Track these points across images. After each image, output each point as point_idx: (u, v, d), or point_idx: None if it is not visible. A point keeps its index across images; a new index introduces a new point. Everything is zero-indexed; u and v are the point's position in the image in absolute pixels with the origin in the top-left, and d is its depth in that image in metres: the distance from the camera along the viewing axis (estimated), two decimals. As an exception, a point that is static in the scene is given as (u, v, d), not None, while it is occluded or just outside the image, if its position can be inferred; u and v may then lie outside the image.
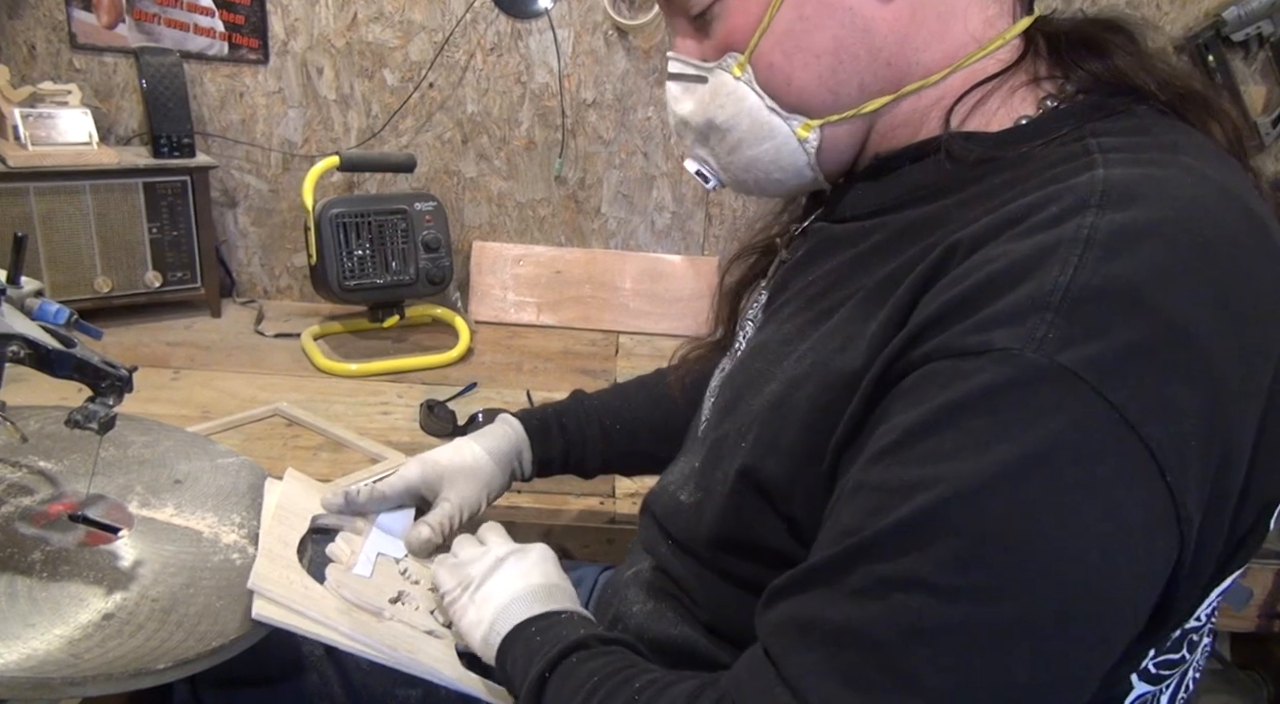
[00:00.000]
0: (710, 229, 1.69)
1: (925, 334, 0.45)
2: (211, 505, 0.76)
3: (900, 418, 0.44)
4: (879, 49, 0.55)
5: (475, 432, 0.87)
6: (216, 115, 1.57)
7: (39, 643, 0.56)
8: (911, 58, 0.55)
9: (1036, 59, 0.56)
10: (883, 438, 0.45)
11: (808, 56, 0.56)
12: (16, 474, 0.74)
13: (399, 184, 1.62)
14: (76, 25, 1.48)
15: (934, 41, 0.55)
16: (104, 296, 1.41)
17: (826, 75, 0.56)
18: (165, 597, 0.64)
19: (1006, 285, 0.42)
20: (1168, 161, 0.46)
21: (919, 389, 0.44)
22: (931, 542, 0.40)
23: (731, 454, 0.58)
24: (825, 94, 0.56)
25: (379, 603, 0.69)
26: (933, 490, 0.41)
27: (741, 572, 0.59)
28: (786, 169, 0.60)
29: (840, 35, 0.54)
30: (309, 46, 1.54)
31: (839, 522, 0.46)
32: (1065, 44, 0.56)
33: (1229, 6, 1.49)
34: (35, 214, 1.33)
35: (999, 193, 0.49)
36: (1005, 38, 0.56)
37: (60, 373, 0.66)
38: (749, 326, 0.69)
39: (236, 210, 1.63)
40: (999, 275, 0.43)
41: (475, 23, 1.53)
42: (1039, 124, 0.53)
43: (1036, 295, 0.41)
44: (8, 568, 0.63)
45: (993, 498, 0.40)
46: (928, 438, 0.42)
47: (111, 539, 0.69)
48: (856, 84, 0.56)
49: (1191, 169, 0.46)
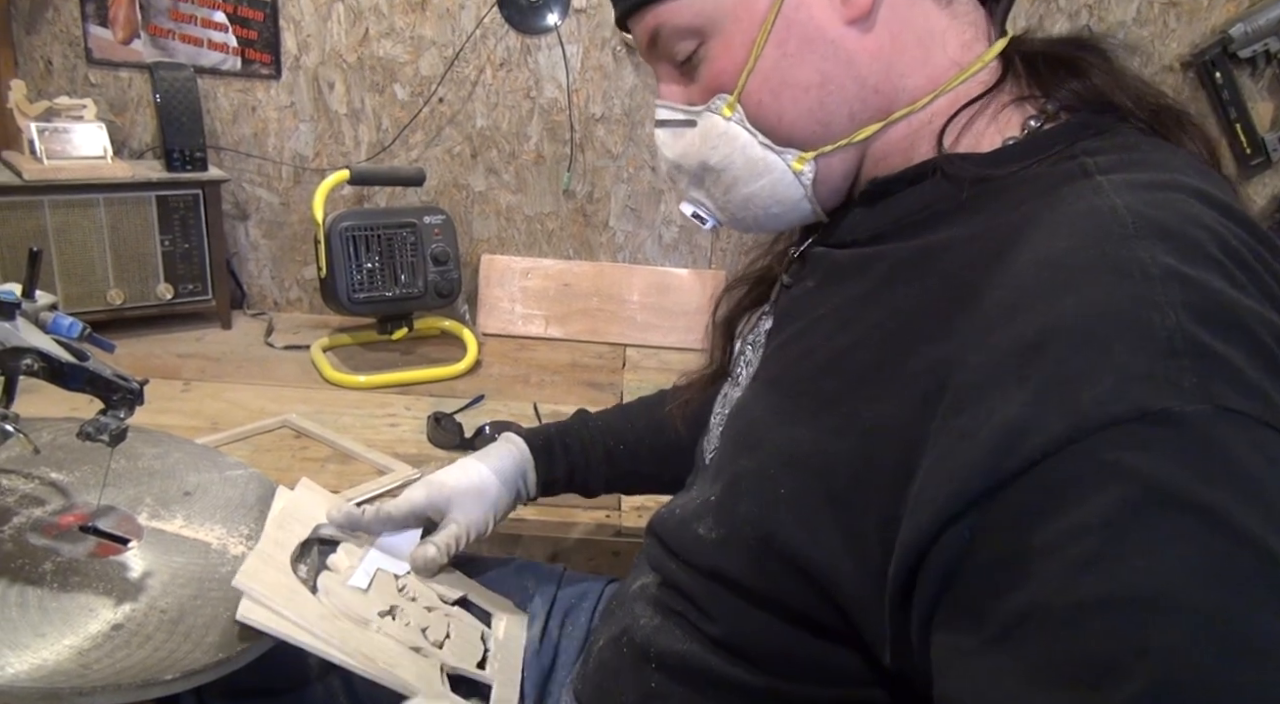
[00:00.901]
0: (717, 243, 1.70)
1: (1042, 415, 0.39)
2: (220, 517, 0.77)
3: (1079, 516, 0.37)
4: (864, 78, 0.55)
5: (481, 451, 0.87)
6: (229, 129, 1.58)
7: (49, 653, 0.57)
8: (897, 83, 0.56)
9: (1017, 79, 0.56)
10: (1071, 546, 0.37)
11: (795, 92, 0.56)
12: (29, 485, 0.75)
13: (408, 198, 1.63)
14: (92, 41, 1.50)
15: (917, 67, 0.56)
16: (116, 308, 1.43)
17: (815, 108, 0.56)
18: (174, 608, 0.64)
19: (1109, 343, 0.39)
20: (1166, 183, 0.47)
21: (1079, 476, 0.38)
22: (1227, 634, 0.34)
23: (753, 499, 0.56)
24: (816, 126, 0.57)
25: (367, 614, 0.69)
26: (1190, 582, 0.35)
27: (760, 591, 0.58)
28: (784, 202, 0.61)
29: (825, 68, 0.55)
30: (321, 61, 1.56)
31: (1074, 657, 0.36)
32: (1043, 64, 0.56)
33: (1236, 23, 1.50)
34: (50, 227, 1.35)
35: (1000, 216, 0.50)
36: (984, 60, 0.56)
37: (73, 386, 0.67)
38: (749, 351, 0.69)
39: (248, 223, 1.65)
40: (1094, 335, 0.40)
41: (485, 38, 1.55)
42: (1029, 143, 0.53)
43: (1155, 345, 0.38)
44: (19, 578, 0.64)
45: (1258, 559, 0.35)
46: (1138, 527, 0.36)
47: (121, 550, 0.70)
48: (846, 114, 0.57)
49: (1189, 187, 0.46)
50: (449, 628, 0.75)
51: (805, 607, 0.54)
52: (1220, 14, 1.52)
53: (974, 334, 0.45)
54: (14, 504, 0.72)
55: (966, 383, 0.44)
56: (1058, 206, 0.47)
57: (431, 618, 0.74)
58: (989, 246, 0.48)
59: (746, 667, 0.59)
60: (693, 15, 0.57)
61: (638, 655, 0.65)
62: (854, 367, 0.53)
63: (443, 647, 0.72)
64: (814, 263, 0.64)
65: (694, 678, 0.62)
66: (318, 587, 0.69)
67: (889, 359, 0.50)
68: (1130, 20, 1.53)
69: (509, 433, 0.89)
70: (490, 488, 0.82)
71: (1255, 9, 1.50)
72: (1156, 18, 1.53)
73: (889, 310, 0.52)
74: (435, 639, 0.72)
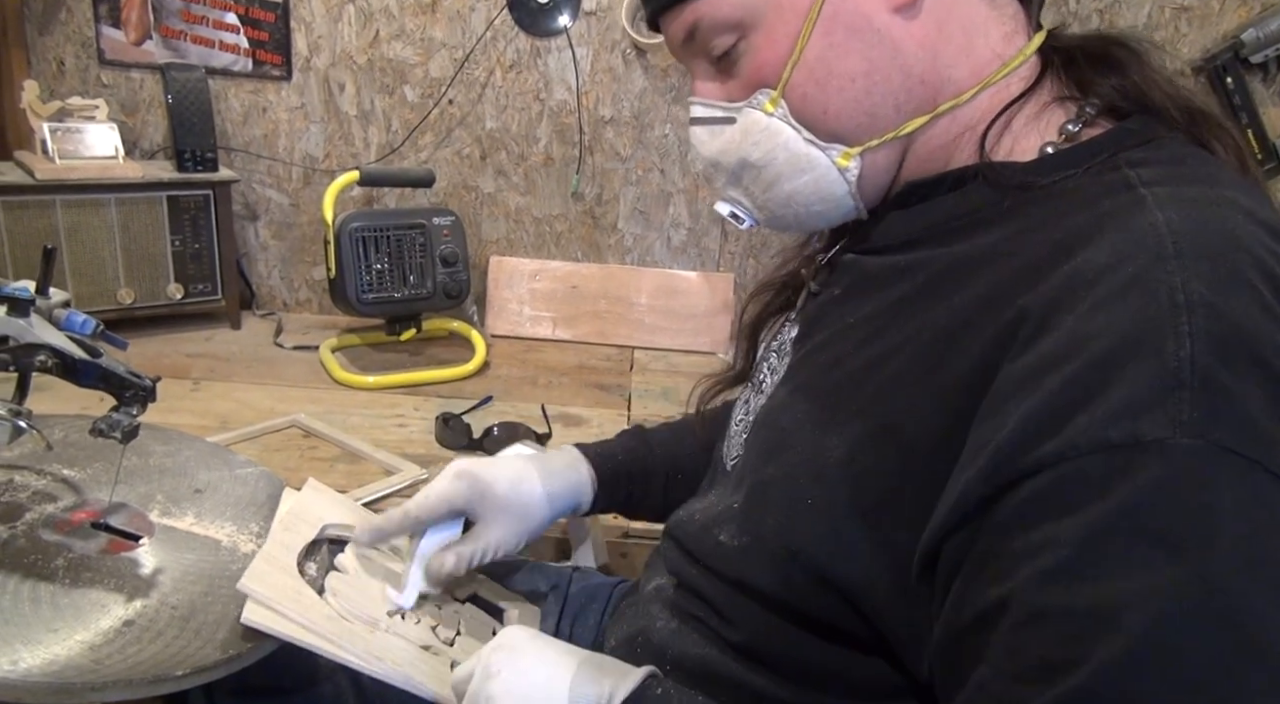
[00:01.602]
0: (726, 245, 1.70)
1: (1044, 429, 0.41)
2: (230, 515, 0.77)
3: (1058, 530, 0.39)
4: (910, 67, 0.55)
5: (543, 458, 0.80)
6: (239, 130, 1.59)
7: (61, 648, 0.57)
8: (944, 74, 0.55)
9: (1056, 76, 0.56)
10: (1046, 555, 0.39)
11: (842, 82, 0.55)
12: (41, 482, 0.75)
13: (418, 199, 1.64)
14: (105, 42, 1.51)
15: (962, 58, 0.55)
16: (126, 308, 1.43)
17: (862, 98, 0.55)
18: (184, 604, 0.64)
19: (1123, 366, 0.40)
20: (1214, 200, 0.46)
21: (1065, 492, 0.40)
22: (1164, 664, 0.36)
23: (780, 510, 0.56)
24: (862, 117, 0.56)
25: (375, 614, 0.69)
26: (1143, 609, 0.37)
27: (785, 600, 0.57)
28: (827, 200, 0.60)
29: (871, 57, 0.54)
30: (331, 63, 1.56)
31: (1030, 654, 0.39)
32: (1082, 59, 0.56)
33: (1247, 28, 1.49)
34: (61, 226, 1.35)
35: (1042, 228, 0.49)
36: (1025, 53, 0.56)
37: (86, 382, 0.68)
38: (773, 357, 0.68)
39: (257, 224, 1.65)
40: (1110, 356, 0.40)
41: (495, 40, 1.55)
42: (1072, 152, 0.52)
43: (1164, 374, 0.39)
44: (32, 574, 0.64)
45: (1208, 602, 0.36)
46: (1108, 549, 0.38)
47: (133, 547, 0.70)
48: (892, 105, 0.55)
49: (1237, 204, 0.46)
50: (460, 625, 0.75)
51: (831, 617, 0.54)
52: (1232, 19, 1.52)
53: (1008, 349, 0.45)
54: (27, 500, 0.72)
55: (994, 392, 0.45)
56: (1102, 222, 0.46)
57: (442, 615, 0.74)
58: (1029, 262, 0.48)
59: (768, 675, 0.58)
60: (733, 8, 0.56)
61: (654, 657, 0.65)
62: (888, 377, 0.52)
63: (454, 644, 0.72)
64: (842, 270, 0.63)
65: (712, 682, 0.61)
66: (325, 587, 0.69)
67: (925, 371, 0.50)
68: (1142, 25, 1.53)
69: (578, 453, 0.83)
70: (537, 513, 0.76)
71: (1267, 14, 1.50)
72: (1168, 22, 1.53)
73: (925, 321, 0.52)
74: (446, 637, 0.72)
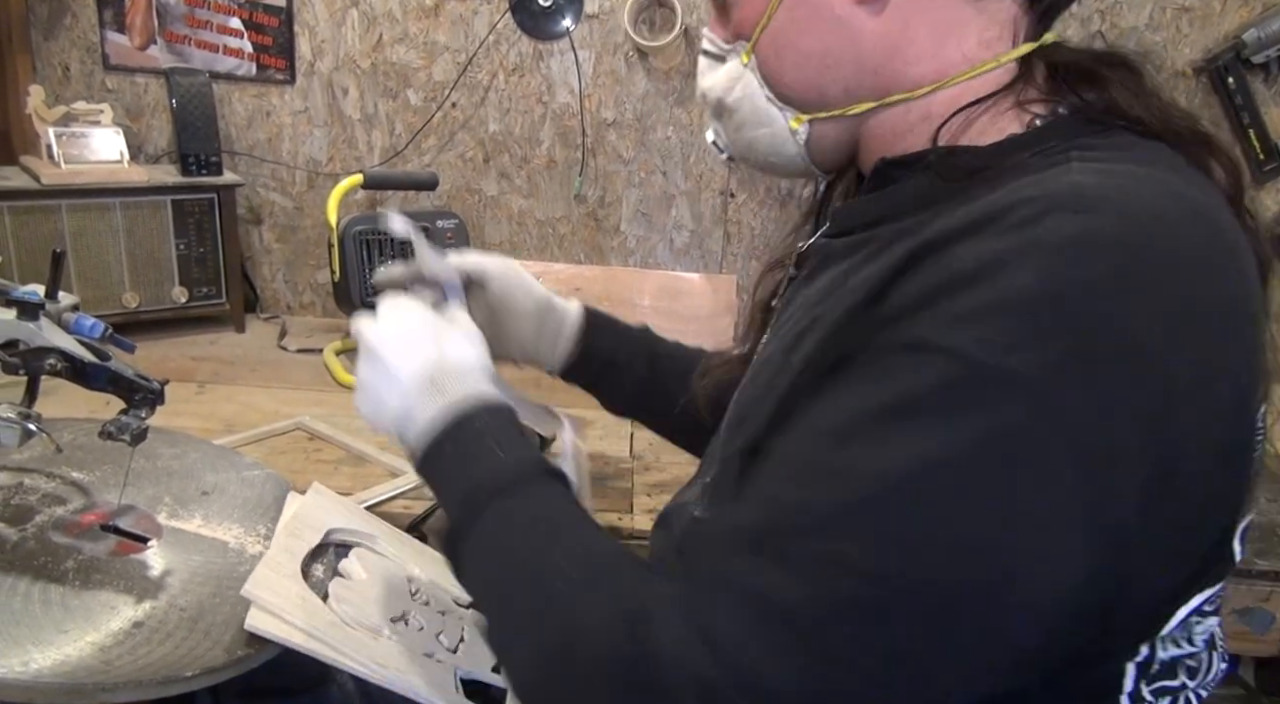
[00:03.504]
0: (729, 247, 1.70)
1: (893, 317, 0.46)
2: (238, 517, 0.78)
3: (850, 398, 0.45)
4: (863, 58, 0.57)
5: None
6: (244, 134, 1.60)
7: (72, 649, 0.58)
8: (900, 69, 0.56)
9: (1028, 85, 0.56)
10: (828, 415, 0.46)
11: (797, 57, 0.59)
12: (51, 484, 0.76)
13: (421, 202, 1.64)
14: (110, 47, 1.52)
15: (925, 57, 0.56)
16: (131, 311, 1.44)
17: (814, 76, 0.59)
18: (193, 606, 0.65)
19: (970, 285, 0.43)
20: (1143, 175, 0.46)
21: (873, 372, 0.45)
22: (867, 528, 0.42)
23: (740, 480, 0.57)
24: (812, 92, 0.59)
25: (378, 621, 0.69)
26: (874, 480, 0.42)
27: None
28: (781, 155, 0.63)
29: (827, 41, 0.57)
30: (335, 67, 1.57)
31: (769, 486, 0.48)
32: (1064, 72, 0.55)
33: (1249, 28, 1.49)
34: (67, 230, 1.36)
35: (981, 196, 0.50)
36: (1000, 60, 0.56)
37: (95, 385, 0.68)
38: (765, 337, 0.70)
39: (262, 227, 1.66)
40: (965, 274, 0.43)
41: (498, 44, 1.56)
42: (1027, 136, 0.53)
43: (994, 299, 0.42)
44: (42, 575, 0.64)
45: (929, 491, 0.42)
46: (874, 427, 0.44)
47: (141, 549, 0.70)
48: (841, 88, 0.58)
49: (1166, 183, 0.46)
50: (464, 632, 0.75)
51: None
52: (1233, 19, 1.52)
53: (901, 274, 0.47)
54: (36, 503, 0.73)
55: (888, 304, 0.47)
56: (1025, 189, 0.47)
57: (446, 622, 0.75)
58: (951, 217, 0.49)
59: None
60: None
61: None
62: (815, 341, 0.53)
63: (457, 651, 0.73)
64: (814, 254, 0.65)
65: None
66: (329, 593, 0.70)
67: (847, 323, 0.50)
68: (1143, 25, 1.53)
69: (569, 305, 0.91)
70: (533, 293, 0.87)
71: (1269, 14, 1.50)
72: (1169, 23, 1.53)
73: (859, 280, 0.53)
74: (450, 644, 0.73)
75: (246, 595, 0.63)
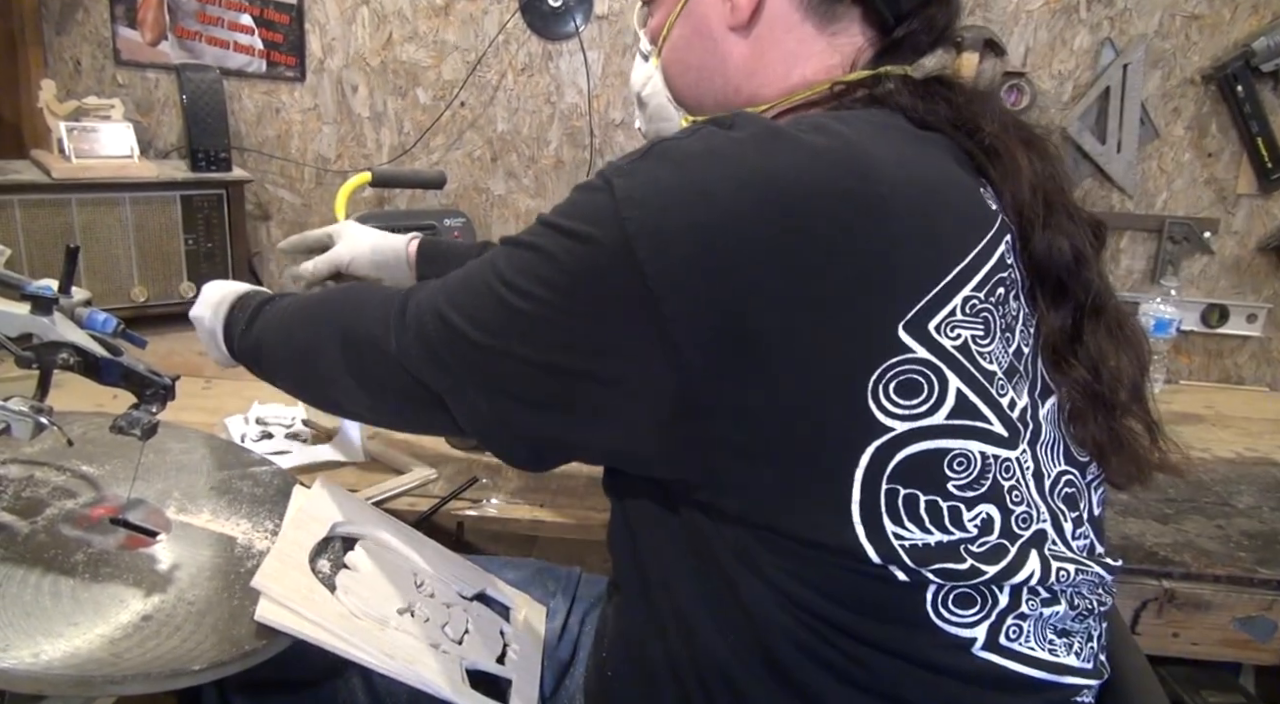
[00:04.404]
0: (734, 249, 1.70)
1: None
2: (245, 512, 0.78)
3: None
4: (730, 77, 0.66)
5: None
6: (253, 130, 1.60)
7: (81, 641, 0.58)
8: (755, 90, 0.65)
9: (854, 100, 0.62)
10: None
11: (682, 68, 0.70)
12: (61, 478, 0.76)
13: (429, 200, 1.65)
14: (121, 42, 1.52)
15: (776, 80, 0.65)
16: (140, 306, 1.44)
17: (693, 86, 0.70)
18: (201, 600, 0.65)
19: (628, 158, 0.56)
20: (822, 126, 0.53)
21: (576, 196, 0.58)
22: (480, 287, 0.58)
23: None
24: (692, 100, 0.71)
25: (385, 612, 0.70)
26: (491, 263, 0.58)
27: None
28: None
29: (705, 59, 0.68)
30: (345, 65, 1.57)
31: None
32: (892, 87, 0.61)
33: (1259, 36, 1.49)
34: (77, 224, 1.36)
35: None
36: (831, 81, 0.62)
37: (107, 380, 0.69)
38: None
39: (270, 223, 1.67)
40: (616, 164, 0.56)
41: (507, 43, 1.56)
42: (791, 109, 0.63)
43: (618, 163, 0.55)
44: (52, 568, 0.65)
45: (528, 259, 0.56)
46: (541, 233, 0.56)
47: (150, 543, 0.71)
48: (713, 100, 0.68)
49: (840, 135, 0.52)
50: (468, 624, 0.76)
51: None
52: (1243, 28, 1.52)
53: None
54: (47, 496, 0.73)
55: None
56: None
57: (451, 614, 0.75)
58: None
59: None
60: None
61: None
62: None
63: (462, 642, 0.73)
64: None
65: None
66: (336, 585, 0.70)
67: None
68: (1152, 33, 1.53)
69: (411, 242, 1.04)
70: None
71: (1278, 23, 1.50)
72: (1178, 31, 1.53)
73: None
74: (455, 635, 0.73)
75: (256, 587, 0.63)
